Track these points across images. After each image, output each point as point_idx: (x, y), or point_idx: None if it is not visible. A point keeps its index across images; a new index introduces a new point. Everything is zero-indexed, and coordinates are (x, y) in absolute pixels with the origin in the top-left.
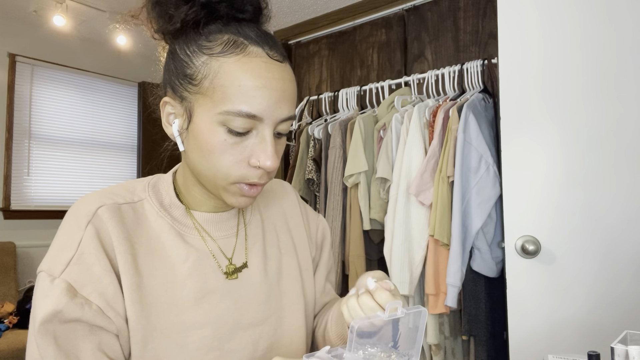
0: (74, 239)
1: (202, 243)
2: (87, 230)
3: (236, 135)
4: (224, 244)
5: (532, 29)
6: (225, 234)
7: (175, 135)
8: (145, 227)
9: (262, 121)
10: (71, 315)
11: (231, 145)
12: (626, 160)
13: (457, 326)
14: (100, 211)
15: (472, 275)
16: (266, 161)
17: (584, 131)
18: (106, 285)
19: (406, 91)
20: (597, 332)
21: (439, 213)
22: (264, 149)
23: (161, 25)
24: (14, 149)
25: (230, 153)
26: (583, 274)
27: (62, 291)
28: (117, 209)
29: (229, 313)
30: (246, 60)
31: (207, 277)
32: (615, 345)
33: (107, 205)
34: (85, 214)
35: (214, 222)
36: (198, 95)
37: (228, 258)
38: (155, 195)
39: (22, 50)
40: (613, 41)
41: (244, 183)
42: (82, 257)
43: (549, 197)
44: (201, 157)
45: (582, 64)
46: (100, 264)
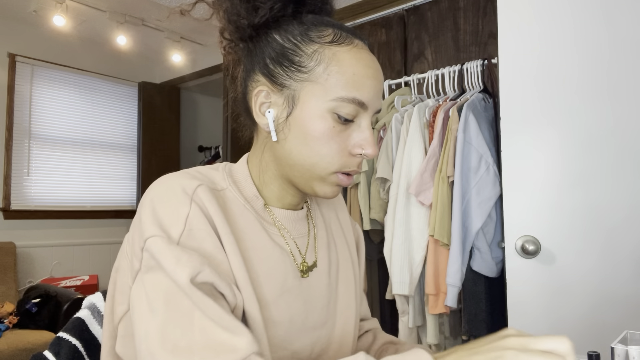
0: (180, 213)
1: (282, 240)
2: (192, 206)
3: (342, 123)
4: (299, 242)
5: (532, 29)
6: (300, 233)
7: (270, 125)
8: (232, 215)
9: (366, 110)
10: (205, 279)
11: (337, 133)
12: (626, 160)
13: (457, 326)
14: (199, 190)
15: (472, 275)
16: (369, 149)
17: (583, 131)
18: (220, 262)
19: (406, 91)
20: (597, 332)
21: (439, 213)
22: (366, 137)
23: (247, 18)
24: (14, 149)
25: (336, 141)
26: (583, 274)
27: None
28: (214, 192)
29: (300, 313)
30: (356, 51)
31: (287, 275)
32: (615, 345)
33: (206, 186)
34: (184, 190)
35: (291, 219)
36: (307, 82)
37: (302, 256)
38: (236, 186)
39: (22, 50)
40: (613, 41)
41: (342, 172)
42: (192, 232)
43: (548, 197)
44: (304, 146)
45: (582, 64)
46: (212, 241)
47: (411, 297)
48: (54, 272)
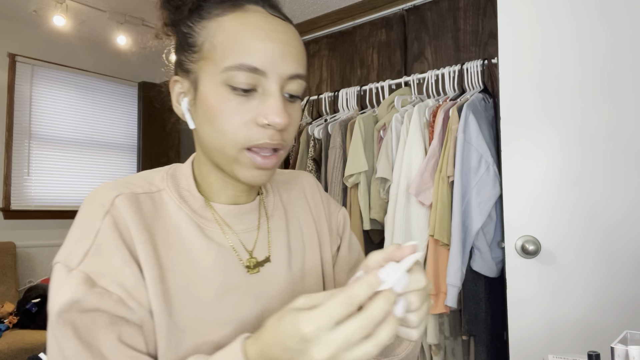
0: (91, 229)
1: (223, 237)
2: (105, 220)
3: (241, 94)
4: (245, 237)
5: (532, 29)
6: (247, 227)
7: (185, 113)
8: (164, 219)
9: (265, 76)
10: (90, 305)
11: (237, 105)
12: (626, 160)
13: (457, 326)
14: (117, 200)
15: (472, 275)
16: (273, 116)
17: (583, 131)
18: (126, 276)
19: (406, 91)
20: (597, 332)
21: (439, 213)
22: (270, 105)
23: (172, 18)
24: (14, 149)
25: (237, 114)
26: (583, 273)
27: (79, 281)
28: (135, 199)
29: (252, 310)
30: (244, 16)
31: (228, 272)
32: (615, 345)
33: (125, 195)
34: (102, 203)
35: (234, 214)
36: (201, 62)
37: (249, 251)
38: (174, 186)
39: (22, 50)
40: (612, 41)
41: (255, 150)
42: (101, 247)
43: (548, 197)
44: (209, 127)
45: (582, 64)
46: (120, 255)
47: None
48: None
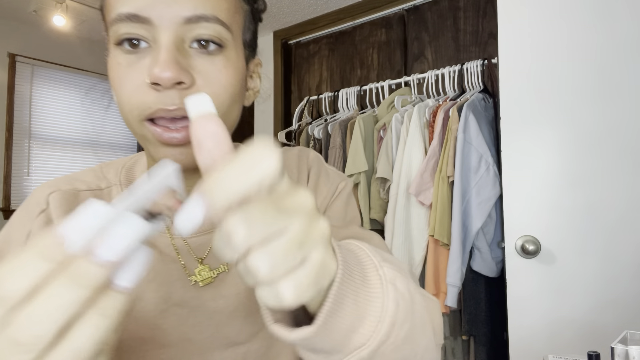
0: (23, 230)
1: (169, 241)
2: (37, 220)
3: (130, 52)
4: (197, 242)
5: (532, 29)
6: (203, 229)
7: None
8: None
9: (151, 24)
10: None
11: (127, 68)
12: (626, 159)
13: (457, 326)
14: (51, 198)
15: (472, 275)
16: (157, 69)
17: (583, 131)
18: None
19: (406, 91)
20: (597, 332)
21: (439, 213)
22: (154, 57)
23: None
24: (14, 149)
25: (128, 78)
26: (583, 274)
27: None
28: (72, 196)
29: (202, 329)
30: None
31: (171, 284)
32: (615, 345)
33: (61, 192)
34: (37, 202)
35: None
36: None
37: (199, 259)
38: (127, 181)
39: (22, 50)
40: (612, 41)
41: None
42: None
43: (548, 197)
44: (117, 101)
45: (582, 64)
46: None
47: None
48: None
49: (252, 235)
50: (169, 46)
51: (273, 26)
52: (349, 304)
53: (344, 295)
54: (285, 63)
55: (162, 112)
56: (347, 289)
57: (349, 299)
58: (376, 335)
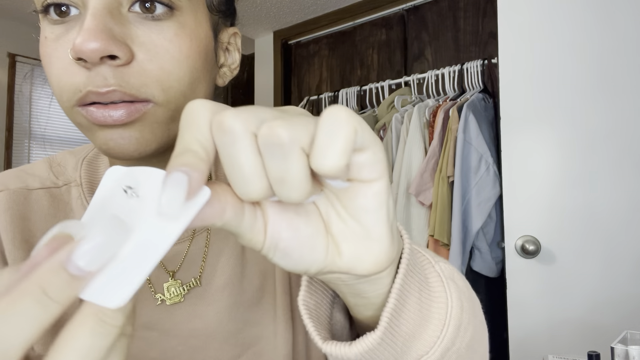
0: None
1: None
2: None
3: (56, 22)
4: (170, 253)
5: (532, 29)
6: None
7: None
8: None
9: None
10: None
11: (54, 42)
12: (626, 160)
13: None
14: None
15: (472, 275)
16: (76, 40)
17: (584, 131)
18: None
19: (406, 91)
20: (597, 332)
21: (439, 213)
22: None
23: None
24: (14, 149)
25: (55, 55)
26: (583, 274)
27: None
28: (22, 197)
29: (175, 355)
30: None
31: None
32: (615, 345)
33: (9, 191)
34: None
35: None
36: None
37: (170, 272)
38: (87, 176)
39: (22, 50)
40: (613, 41)
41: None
42: None
43: (548, 197)
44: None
45: (582, 64)
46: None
47: None
48: None
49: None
50: (98, 10)
51: (273, 26)
52: (413, 303)
53: (408, 291)
54: (285, 63)
55: (93, 96)
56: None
57: (412, 296)
58: (440, 341)
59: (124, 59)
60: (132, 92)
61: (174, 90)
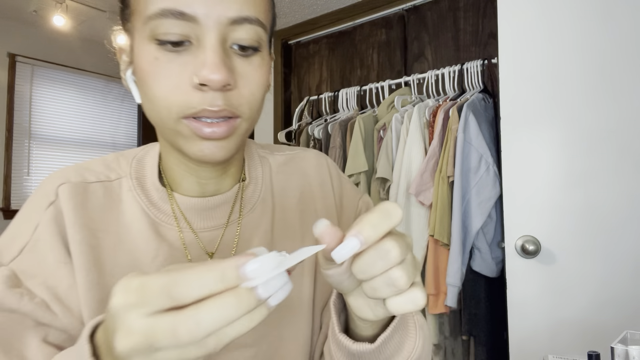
0: (31, 222)
1: (177, 235)
2: (46, 213)
3: (170, 50)
4: (208, 237)
5: (532, 29)
6: (213, 225)
7: (130, 84)
8: (116, 213)
9: (197, 22)
10: (7, 306)
11: (165, 64)
12: (626, 160)
13: (457, 326)
14: (60, 190)
15: (472, 275)
16: (206, 71)
17: (584, 131)
18: (60, 278)
19: (406, 91)
20: (597, 332)
21: (439, 213)
22: (203, 59)
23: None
24: (14, 149)
25: (166, 75)
26: (583, 274)
27: (1, 280)
28: (82, 189)
29: None
30: None
31: None
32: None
33: (71, 184)
34: (46, 193)
35: (198, 208)
36: (132, 18)
37: (209, 253)
38: (137, 172)
39: (22, 50)
40: (613, 41)
41: (196, 118)
42: (37, 244)
43: (549, 197)
44: (144, 96)
45: (582, 64)
46: (55, 254)
47: None
48: None
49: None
50: (218, 47)
51: None
52: (396, 337)
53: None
54: (285, 63)
55: (206, 113)
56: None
57: (397, 333)
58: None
59: (232, 86)
60: (233, 110)
61: (255, 108)
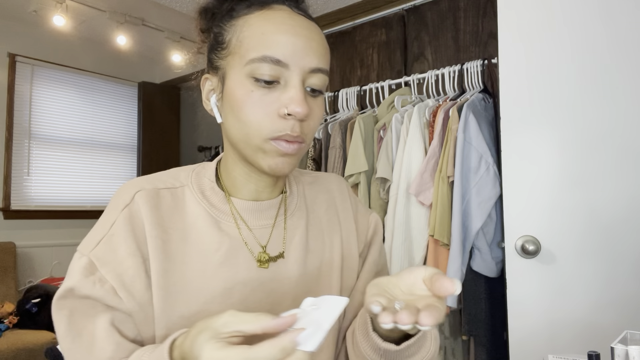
0: (109, 220)
1: (237, 231)
2: (122, 213)
3: (264, 86)
4: (260, 233)
5: (532, 29)
6: (264, 224)
7: (213, 108)
8: (182, 213)
9: (288, 68)
10: (82, 292)
11: (260, 97)
12: (626, 160)
13: (457, 326)
14: (137, 196)
15: (472, 275)
16: (293, 105)
17: (584, 131)
18: (127, 267)
19: (406, 91)
20: (597, 332)
21: (439, 213)
22: (291, 96)
23: (207, 24)
24: (14, 149)
25: (260, 105)
26: (583, 274)
27: (80, 268)
28: (155, 194)
29: (261, 305)
30: (269, 13)
31: (238, 267)
32: (615, 345)
33: (146, 190)
34: (124, 198)
35: (252, 210)
36: (229, 57)
37: (262, 246)
38: (196, 182)
39: (22, 50)
40: (613, 41)
41: (279, 139)
42: (112, 238)
43: (549, 197)
44: (234, 119)
45: (582, 64)
46: (127, 246)
47: None
48: (54, 272)
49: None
50: (301, 88)
51: None
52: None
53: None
54: None
55: (287, 137)
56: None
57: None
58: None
59: (307, 119)
60: (303, 136)
61: (311, 136)
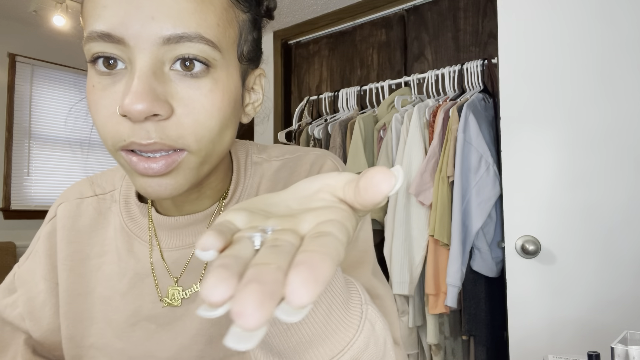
0: (38, 234)
1: (147, 254)
2: (45, 228)
3: (104, 75)
4: (174, 258)
5: (532, 29)
6: (182, 244)
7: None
8: (103, 228)
9: (127, 44)
10: (2, 316)
11: (101, 92)
12: (626, 159)
13: (457, 326)
14: (59, 209)
15: (472, 275)
16: (125, 99)
17: (584, 131)
18: (39, 292)
19: (406, 91)
20: (597, 332)
21: (439, 213)
22: (128, 86)
23: None
24: (14, 149)
25: (102, 104)
26: (583, 274)
27: (7, 283)
28: (75, 207)
29: (165, 348)
30: None
31: (142, 299)
32: (615, 345)
33: (68, 202)
34: (52, 209)
35: (169, 227)
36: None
37: (174, 278)
38: (127, 186)
39: (22, 50)
40: (613, 41)
41: (128, 150)
42: (35, 256)
43: (549, 197)
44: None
45: (582, 64)
46: (42, 267)
47: (411, 297)
48: None
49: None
50: (144, 72)
51: (273, 26)
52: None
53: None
54: (285, 63)
55: (136, 146)
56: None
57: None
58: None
59: (165, 115)
60: (171, 143)
61: (206, 139)
